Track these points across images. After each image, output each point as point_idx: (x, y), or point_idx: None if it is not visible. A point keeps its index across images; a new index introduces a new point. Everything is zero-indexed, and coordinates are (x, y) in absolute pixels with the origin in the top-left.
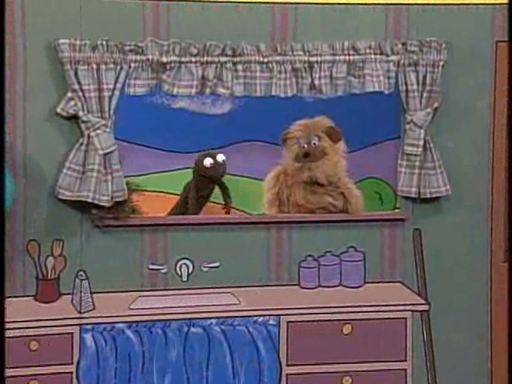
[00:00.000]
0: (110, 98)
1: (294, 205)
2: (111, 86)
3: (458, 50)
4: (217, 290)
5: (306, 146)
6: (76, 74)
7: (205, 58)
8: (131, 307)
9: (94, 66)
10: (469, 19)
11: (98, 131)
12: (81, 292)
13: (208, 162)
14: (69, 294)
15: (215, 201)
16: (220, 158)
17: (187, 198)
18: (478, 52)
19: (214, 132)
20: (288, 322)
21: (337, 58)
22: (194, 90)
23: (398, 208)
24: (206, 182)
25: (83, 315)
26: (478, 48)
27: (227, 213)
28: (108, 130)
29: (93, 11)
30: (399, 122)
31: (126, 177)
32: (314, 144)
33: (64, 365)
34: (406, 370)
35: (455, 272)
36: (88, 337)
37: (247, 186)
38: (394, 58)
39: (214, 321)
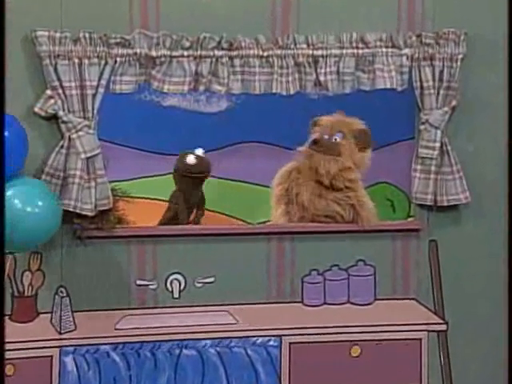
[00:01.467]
0: (94, 96)
1: (300, 205)
2: (95, 83)
3: (479, 42)
4: (212, 308)
5: (326, 137)
6: (56, 70)
7: (198, 52)
8: (117, 327)
9: (76, 60)
10: (490, 8)
11: (80, 133)
12: (61, 310)
13: (191, 158)
14: (48, 312)
15: (209, 208)
16: (200, 151)
17: (176, 208)
18: (500, 44)
19: (209, 132)
20: (290, 343)
21: (344, 51)
22: (186, 88)
23: (411, 216)
24: (192, 185)
25: (63, 336)
26: (501, 40)
27: (195, 223)
28: (91, 131)
29: (74, 0)
30: (413, 122)
31: (111, 182)
32: (335, 140)
33: None
34: None
35: (475, 288)
36: (69, 360)
37: (246, 192)
38: (407, 51)
39: (208, 342)
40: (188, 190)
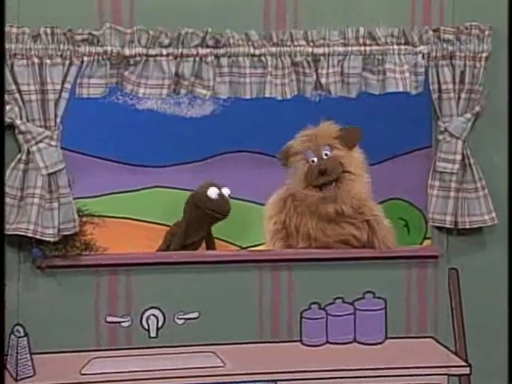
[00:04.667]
0: (57, 101)
1: (304, 237)
2: (58, 87)
3: (506, 38)
4: (195, 349)
5: (315, 159)
6: (12, 71)
7: (179, 50)
8: (83, 372)
9: (36, 60)
10: None
11: (41, 145)
12: (17, 353)
13: (214, 192)
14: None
15: None
16: (226, 191)
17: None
18: None
19: (192, 140)
20: None
21: (349, 48)
22: (165, 91)
23: (428, 239)
24: (202, 222)
25: (20, 383)
26: None
27: None
28: (54, 143)
29: None
30: (430, 131)
31: (77, 199)
32: (326, 155)
33: None
34: None
35: (502, 324)
36: None
37: (234, 210)
38: (422, 48)
39: None
40: (193, 226)
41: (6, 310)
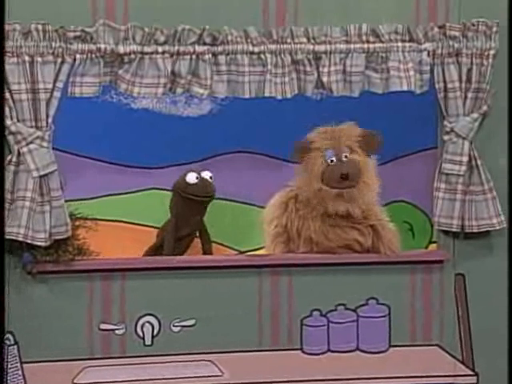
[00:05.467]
0: (48, 101)
1: (306, 241)
2: (49, 86)
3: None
4: (192, 357)
5: (334, 159)
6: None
7: (175, 48)
8: (76, 381)
9: (27, 58)
10: None
11: (32, 146)
12: (7, 362)
13: (192, 176)
14: None
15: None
16: (206, 174)
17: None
18: None
19: (189, 140)
20: None
21: (352, 46)
22: (160, 91)
23: (434, 243)
24: (189, 211)
25: None
26: None
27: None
28: (45, 144)
29: None
30: (435, 131)
31: (69, 201)
32: (346, 157)
33: None
34: None
35: (510, 332)
36: None
37: (234, 213)
38: (428, 46)
39: None
40: (181, 217)
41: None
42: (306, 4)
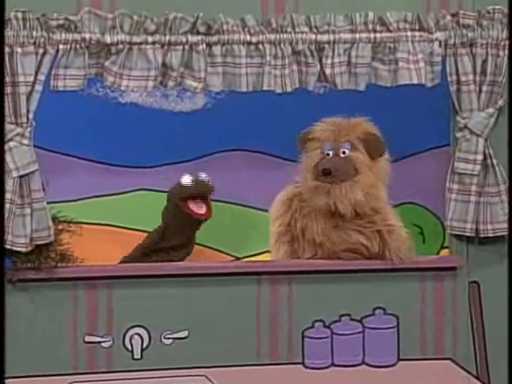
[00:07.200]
0: (29, 95)
1: (309, 242)
2: (30, 79)
3: None
4: (184, 372)
5: (330, 153)
6: None
7: (167, 38)
8: None
9: (6, 48)
10: None
11: (12, 143)
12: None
13: (187, 178)
14: None
15: None
16: (203, 175)
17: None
18: None
19: (182, 137)
20: None
21: (357, 35)
22: (150, 84)
23: (446, 248)
24: (182, 223)
25: None
26: None
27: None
28: (26, 141)
29: None
30: (447, 128)
31: (51, 203)
32: (344, 153)
33: None
34: None
35: None
36: None
37: (230, 216)
38: (439, 35)
39: None
40: (172, 226)
41: None
42: None
